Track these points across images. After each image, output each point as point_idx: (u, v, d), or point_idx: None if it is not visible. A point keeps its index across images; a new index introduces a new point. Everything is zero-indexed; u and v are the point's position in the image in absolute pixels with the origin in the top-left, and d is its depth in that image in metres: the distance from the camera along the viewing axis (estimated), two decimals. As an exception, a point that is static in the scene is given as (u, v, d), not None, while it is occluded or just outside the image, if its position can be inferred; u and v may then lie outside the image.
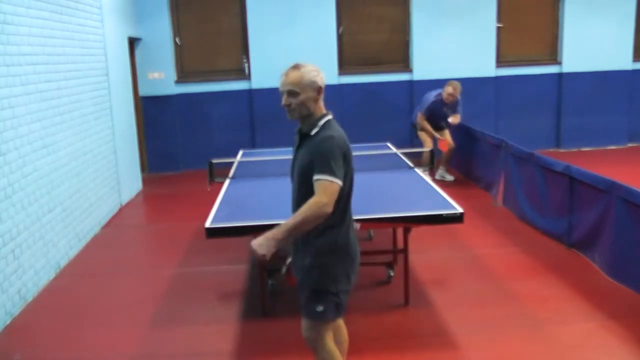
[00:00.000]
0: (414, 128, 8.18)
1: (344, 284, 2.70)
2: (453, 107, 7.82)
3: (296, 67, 2.68)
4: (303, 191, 2.65)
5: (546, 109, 9.90)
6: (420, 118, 7.86)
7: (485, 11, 9.48)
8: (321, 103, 2.71)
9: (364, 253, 5.04)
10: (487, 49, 9.57)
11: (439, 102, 7.74)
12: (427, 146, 7.54)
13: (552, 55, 9.86)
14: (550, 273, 4.79)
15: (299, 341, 3.83)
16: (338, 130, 2.66)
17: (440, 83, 9.54)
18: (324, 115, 2.70)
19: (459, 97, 7.81)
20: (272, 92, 9.95)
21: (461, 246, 5.51)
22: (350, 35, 9.48)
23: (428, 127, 7.81)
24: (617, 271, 4.45)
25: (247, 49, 9.32)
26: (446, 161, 8.08)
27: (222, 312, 4.37)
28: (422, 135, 7.92)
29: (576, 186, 5.05)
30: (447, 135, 7.92)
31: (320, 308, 2.66)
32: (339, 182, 2.54)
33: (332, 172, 2.52)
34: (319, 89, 2.68)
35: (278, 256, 2.81)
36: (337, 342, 3.03)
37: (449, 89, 7.69)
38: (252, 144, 9.10)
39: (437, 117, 7.80)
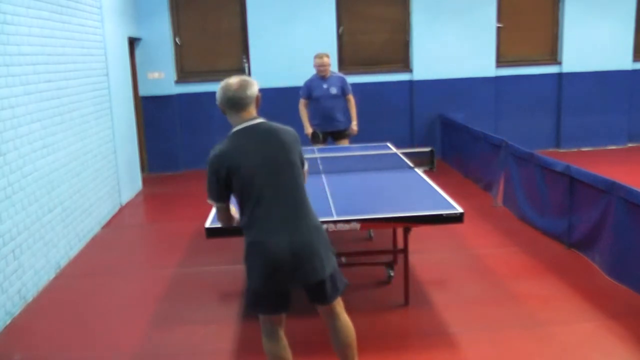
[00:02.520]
0: None
1: (256, 283, 2.84)
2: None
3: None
4: None
5: (546, 109, 9.90)
6: None
7: (485, 11, 9.47)
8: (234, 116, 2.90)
9: (364, 253, 5.09)
10: (487, 49, 9.57)
11: None
12: None
13: (552, 55, 9.86)
14: (550, 273, 4.79)
15: (299, 341, 3.83)
16: (227, 145, 2.86)
17: (441, 83, 9.61)
18: (235, 126, 2.91)
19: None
20: (272, 92, 10.02)
21: (461, 246, 5.51)
22: (350, 35, 9.48)
23: None
24: (617, 271, 4.45)
25: (247, 49, 9.32)
26: None
27: (222, 312, 4.37)
28: None
29: (576, 186, 5.05)
30: None
31: (244, 302, 2.84)
32: (212, 202, 2.90)
33: (208, 194, 2.89)
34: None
35: None
36: (337, 347, 3.05)
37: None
38: (252, 144, 9.08)
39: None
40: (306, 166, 3.05)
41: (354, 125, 7.00)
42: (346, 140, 7.05)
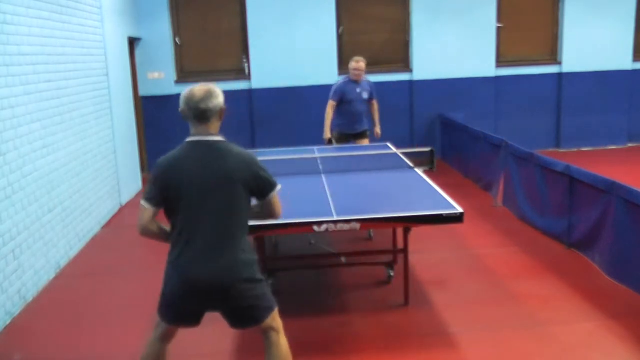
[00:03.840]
0: None
1: (168, 297, 2.78)
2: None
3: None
4: None
5: (546, 109, 9.90)
6: None
7: (485, 11, 9.47)
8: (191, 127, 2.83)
9: (364, 253, 5.09)
10: (487, 49, 9.57)
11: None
12: None
13: (552, 55, 9.86)
14: (550, 273, 4.79)
15: (299, 341, 3.83)
16: (174, 153, 2.83)
17: (441, 83, 9.61)
18: (191, 136, 2.84)
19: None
20: (272, 92, 10.00)
21: (461, 246, 5.51)
22: (350, 35, 9.48)
23: None
24: (617, 271, 4.45)
25: (247, 49, 9.31)
26: None
27: (222, 312, 4.36)
28: None
29: (576, 186, 5.05)
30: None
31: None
32: (142, 203, 2.78)
33: (143, 194, 2.81)
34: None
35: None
36: None
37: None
38: (252, 144, 9.09)
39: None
40: (271, 195, 2.83)
41: (379, 129, 7.23)
42: (367, 140, 7.15)
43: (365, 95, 6.98)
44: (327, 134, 6.94)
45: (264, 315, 2.83)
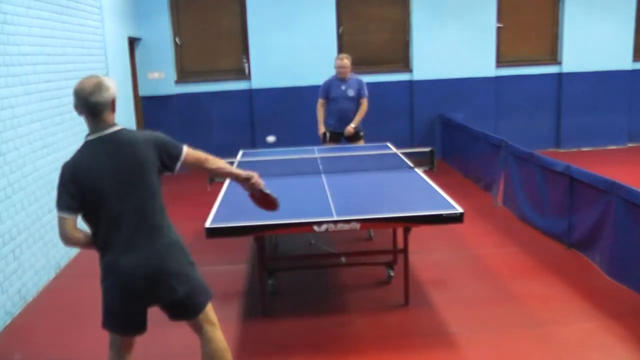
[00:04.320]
0: None
1: (109, 303, 2.74)
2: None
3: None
4: None
5: (546, 109, 9.90)
6: None
7: (485, 11, 9.47)
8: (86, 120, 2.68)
9: (364, 253, 5.09)
10: (487, 49, 9.57)
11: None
12: None
13: (552, 55, 9.86)
14: (550, 273, 4.79)
15: (299, 341, 3.83)
16: (78, 156, 2.66)
17: (441, 83, 9.61)
18: (90, 134, 2.69)
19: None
20: (272, 92, 9.97)
21: (461, 246, 5.51)
22: (350, 35, 9.48)
23: None
24: (617, 271, 4.45)
25: (247, 49, 9.31)
26: None
27: (222, 312, 4.32)
28: None
29: (576, 186, 5.05)
30: None
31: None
32: (61, 214, 2.60)
33: (57, 205, 2.63)
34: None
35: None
36: None
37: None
38: (252, 144, 9.08)
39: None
40: (184, 152, 2.82)
41: (352, 124, 6.79)
42: (361, 141, 6.96)
43: (352, 93, 6.83)
44: (321, 129, 6.93)
45: (203, 302, 2.86)
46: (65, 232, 2.61)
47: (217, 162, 2.96)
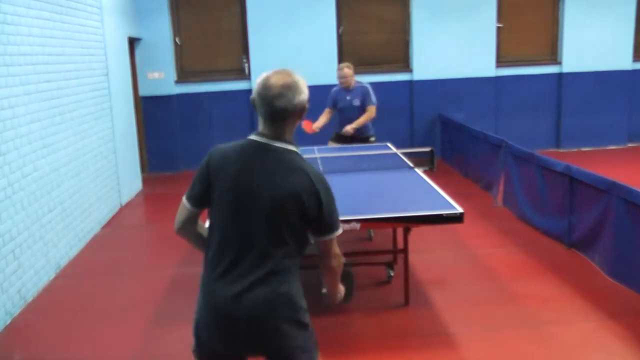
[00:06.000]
0: None
1: (195, 328, 2.28)
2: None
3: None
4: None
5: (546, 109, 9.90)
6: None
7: (485, 11, 9.48)
8: None
9: (364, 253, 5.08)
10: (487, 49, 9.57)
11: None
12: None
13: (552, 55, 9.86)
14: (550, 273, 4.79)
15: (299, 341, 3.83)
16: (230, 146, 2.30)
17: (441, 83, 9.61)
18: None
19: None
20: (272, 92, 9.94)
21: (461, 246, 5.51)
22: (350, 35, 9.48)
23: None
24: (617, 271, 4.44)
25: (247, 49, 9.32)
26: None
27: (222, 312, 4.36)
28: None
29: (576, 186, 5.05)
30: None
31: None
32: (183, 200, 2.32)
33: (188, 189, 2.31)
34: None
35: None
36: None
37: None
38: (252, 144, 9.08)
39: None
40: (336, 232, 2.27)
41: (353, 124, 6.59)
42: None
43: (357, 103, 6.68)
44: (317, 124, 6.71)
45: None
46: (177, 220, 2.36)
47: (338, 271, 2.49)
